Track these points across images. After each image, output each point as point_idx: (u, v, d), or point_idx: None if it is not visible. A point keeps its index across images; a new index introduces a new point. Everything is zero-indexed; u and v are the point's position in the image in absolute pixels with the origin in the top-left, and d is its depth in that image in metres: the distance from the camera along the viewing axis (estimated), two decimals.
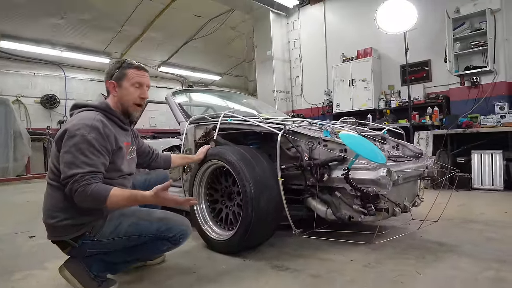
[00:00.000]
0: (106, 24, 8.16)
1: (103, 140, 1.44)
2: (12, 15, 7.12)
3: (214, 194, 2.31)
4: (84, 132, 1.40)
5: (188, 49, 10.01)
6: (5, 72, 8.22)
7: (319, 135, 2.10)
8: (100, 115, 1.53)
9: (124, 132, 1.65)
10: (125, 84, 1.62)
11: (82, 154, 1.37)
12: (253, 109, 3.56)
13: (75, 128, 1.41)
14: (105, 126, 1.49)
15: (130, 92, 1.63)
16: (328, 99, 7.44)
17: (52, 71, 8.88)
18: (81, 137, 1.39)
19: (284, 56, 8.20)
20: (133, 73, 1.63)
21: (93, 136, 1.41)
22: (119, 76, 1.62)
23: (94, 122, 1.45)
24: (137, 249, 1.59)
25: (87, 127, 1.42)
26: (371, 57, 6.40)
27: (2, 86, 8.17)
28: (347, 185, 1.90)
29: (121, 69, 1.62)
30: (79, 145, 1.38)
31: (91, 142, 1.40)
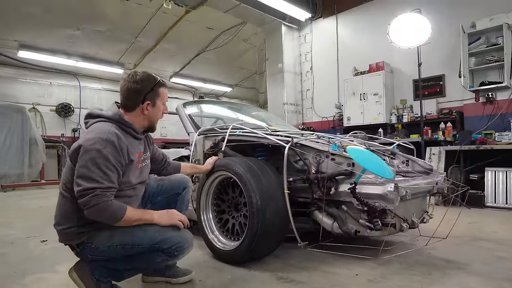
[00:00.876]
0: (121, 36, 8.41)
1: (118, 154, 1.48)
2: (29, 26, 7.42)
3: (221, 204, 2.36)
4: (99, 146, 1.44)
5: (200, 61, 10.22)
6: (22, 81, 8.54)
7: (327, 149, 2.14)
8: (114, 126, 1.57)
9: (137, 142, 1.68)
10: (158, 104, 1.69)
11: (99, 169, 1.42)
12: (263, 122, 3.62)
13: (90, 142, 1.45)
14: (119, 139, 1.52)
15: (159, 110, 1.71)
16: (339, 112, 7.45)
17: (67, 80, 9.17)
18: (97, 152, 1.43)
19: (295, 69, 8.29)
20: (165, 92, 1.73)
21: (109, 150, 1.46)
22: (154, 96, 1.66)
23: (109, 135, 1.49)
24: (135, 259, 1.60)
25: (103, 141, 1.46)
26: (383, 71, 6.42)
27: (19, 94, 8.48)
28: (354, 199, 1.93)
29: (155, 87, 1.66)
30: (95, 160, 1.42)
31: (107, 157, 1.44)
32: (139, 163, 1.67)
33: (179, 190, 1.92)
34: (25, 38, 7.75)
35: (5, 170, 6.53)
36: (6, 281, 1.91)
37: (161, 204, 1.87)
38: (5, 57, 7.95)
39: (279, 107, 8.04)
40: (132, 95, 1.64)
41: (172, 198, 1.90)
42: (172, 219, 1.60)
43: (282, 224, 2.04)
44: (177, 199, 1.91)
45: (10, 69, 8.34)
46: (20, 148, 6.85)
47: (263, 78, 8.81)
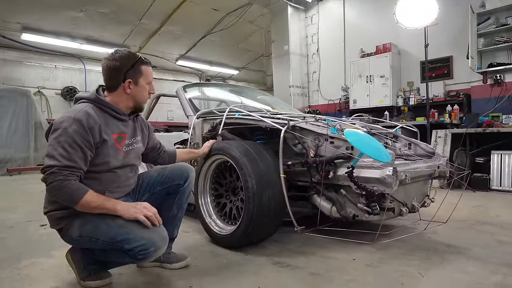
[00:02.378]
0: (125, 17, 8.29)
1: (85, 133, 1.41)
2: (32, 8, 7.32)
3: (219, 188, 2.33)
4: (66, 124, 1.40)
5: (206, 43, 10.07)
6: (27, 64, 8.53)
7: (326, 132, 2.08)
8: (90, 106, 1.51)
9: (119, 122, 1.60)
10: (142, 82, 1.61)
11: (61, 147, 1.37)
12: (267, 105, 3.55)
13: (59, 121, 1.42)
14: (89, 117, 1.44)
15: (144, 89, 1.63)
16: (345, 95, 7.32)
17: (72, 63, 9.14)
18: (62, 130, 1.39)
19: (301, 51, 8.12)
20: (149, 71, 1.64)
21: (74, 128, 1.40)
22: (135, 74, 1.59)
23: (78, 114, 1.43)
24: (108, 254, 1.50)
25: (70, 119, 1.41)
26: (390, 52, 6.25)
27: (25, 77, 8.48)
28: (352, 183, 1.89)
29: (136, 65, 1.59)
30: (59, 138, 1.38)
31: (71, 134, 1.38)
32: (121, 145, 1.58)
33: (180, 181, 1.76)
34: (28, 20, 7.68)
35: (10, 154, 6.57)
36: (1, 265, 1.92)
37: (160, 194, 1.76)
38: (9, 40, 7.90)
39: (285, 90, 7.93)
40: (112, 73, 1.58)
41: (172, 189, 1.76)
42: (138, 213, 1.42)
43: (279, 208, 2.01)
44: (178, 190, 1.76)
45: (14, 52, 8.32)
46: (26, 132, 6.89)
47: (270, 61, 8.66)
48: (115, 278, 1.70)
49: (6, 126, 6.65)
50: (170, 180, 1.77)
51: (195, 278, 1.69)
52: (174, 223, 1.81)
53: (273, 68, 8.24)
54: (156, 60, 10.41)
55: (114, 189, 1.58)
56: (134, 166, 1.72)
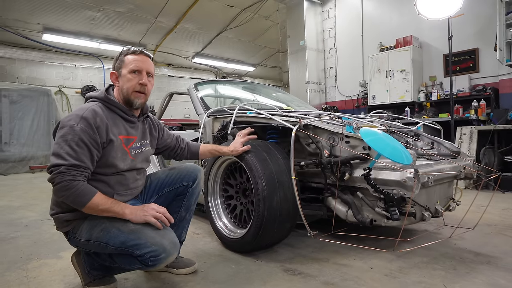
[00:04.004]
0: (141, 16, 8.31)
1: (92, 131, 1.36)
2: (52, 8, 7.43)
3: (229, 189, 2.24)
4: (73, 122, 1.35)
5: (222, 40, 9.99)
6: (48, 64, 8.68)
7: (342, 131, 1.95)
8: (98, 105, 1.47)
9: (127, 124, 1.56)
10: (124, 72, 1.54)
11: (68, 146, 1.32)
12: (282, 102, 3.44)
13: (67, 119, 1.38)
14: (96, 116, 1.40)
15: (128, 79, 1.53)
16: (364, 90, 7.11)
17: (91, 62, 9.25)
18: (69, 128, 1.34)
19: (318, 46, 7.93)
20: (131, 59, 1.54)
21: (81, 126, 1.35)
22: (119, 65, 1.55)
23: (85, 112, 1.39)
24: (116, 259, 1.43)
25: (77, 117, 1.37)
26: (411, 46, 5.98)
27: (46, 77, 8.64)
28: (369, 186, 1.75)
29: (120, 57, 1.55)
30: (66, 136, 1.33)
31: (78, 132, 1.34)
32: (128, 148, 1.53)
33: (188, 182, 1.70)
34: (48, 21, 7.80)
35: (33, 151, 6.74)
36: (11, 266, 1.90)
37: (168, 196, 1.71)
38: (31, 41, 8.07)
39: (301, 86, 7.77)
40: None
41: (180, 190, 1.71)
42: (147, 216, 1.38)
43: (291, 211, 1.90)
44: (186, 192, 1.71)
45: (36, 53, 8.48)
46: (47, 130, 7.03)
47: (286, 57, 8.51)
48: (121, 283, 1.64)
49: (29, 125, 6.81)
50: (178, 181, 1.71)
51: (202, 285, 1.60)
52: (182, 225, 1.75)
53: (289, 64, 8.08)
54: (172, 58, 10.44)
55: (122, 191, 1.52)
56: (142, 169, 1.67)
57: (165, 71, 10.75)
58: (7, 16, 7.36)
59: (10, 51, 8.11)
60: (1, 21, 7.42)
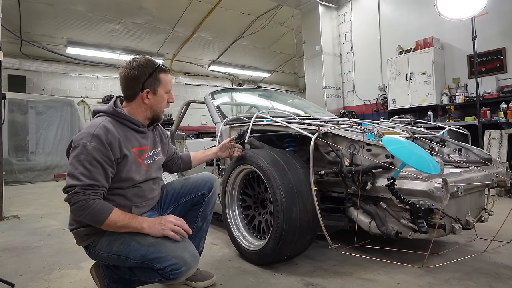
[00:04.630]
0: (159, 27, 8.45)
1: (104, 149, 1.34)
2: (76, 23, 7.69)
3: (247, 200, 2.18)
4: (85, 141, 1.33)
5: (237, 47, 10.03)
6: (72, 75, 8.96)
7: (362, 138, 1.86)
8: (108, 120, 1.44)
9: (139, 135, 1.52)
10: (161, 92, 1.52)
11: (82, 166, 1.30)
12: (298, 109, 3.37)
13: (78, 138, 1.36)
14: (108, 132, 1.38)
15: (163, 99, 1.54)
16: (383, 94, 6.93)
17: (112, 73, 9.45)
18: (82, 148, 1.32)
19: (334, 51, 7.81)
20: (168, 79, 1.54)
21: (93, 145, 1.33)
22: (154, 83, 1.50)
23: (97, 129, 1.36)
24: (136, 272, 1.42)
25: (89, 136, 1.34)
26: (432, 47, 5.79)
27: (70, 88, 8.91)
28: (393, 196, 1.65)
29: (155, 73, 1.49)
30: (79, 156, 1.31)
31: (90, 151, 1.32)
32: (142, 159, 1.50)
33: (204, 191, 1.69)
34: (72, 35, 8.06)
35: (57, 160, 6.90)
36: (34, 277, 1.91)
37: (184, 206, 1.69)
38: (56, 54, 8.34)
39: (318, 91, 7.67)
40: (130, 82, 1.48)
41: (196, 200, 1.69)
42: (165, 229, 1.36)
43: (311, 223, 1.82)
44: (202, 201, 1.69)
45: (61, 65, 8.75)
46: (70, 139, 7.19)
47: (302, 62, 8.44)
48: None
49: (53, 134, 7.01)
50: (194, 191, 1.69)
51: None
52: (199, 235, 1.71)
53: (305, 69, 8.00)
54: (189, 66, 10.55)
55: (140, 203, 1.50)
56: (157, 179, 1.64)
57: (182, 79, 10.88)
58: (34, 32, 7.66)
59: (36, 65, 8.43)
60: (29, 37, 7.71)
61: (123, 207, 1.40)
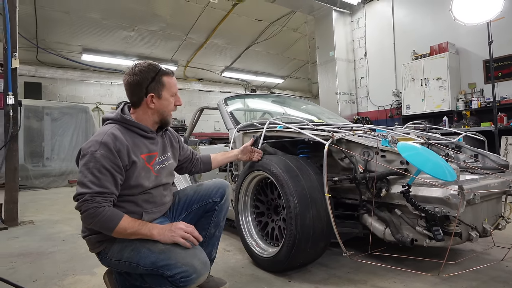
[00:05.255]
0: (173, 34, 8.61)
1: (113, 156, 1.36)
2: (91, 30, 7.91)
3: (260, 206, 2.20)
4: (93, 149, 1.35)
5: (251, 54, 10.12)
6: (87, 82, 9.18)
7: (376, 144, 1.86)
8: (116, 127, 1.46)
9: (147, 141, 1.54)
10: (166, 95, 1.53)
11: (91, 173, 1.33)
12: (312, 115, 3.39)
13: (87, 146, 1.38)
14: (116, 139, 1.39)
15: (170, 102, 1.55)
16: (397, 100, 6.89)
17: None
18: (90, 156, 1.34)
19: (348, 56, 7.81)
20: (172, 82, 1.56)
21: (102, 153, 1.35)
22: (157, 87, 1.52)
23: (105, 137, 1.38)
24: (147, 279, 1.43)
25: (97, 143, 1.36)
26: (446, 52, 5.74)
27: (85, 95, 9.14)
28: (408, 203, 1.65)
29: (157, 77, 1.52)
30: (88, 164, 1.34)
31: (99, 159, 1.34)
32: (151, 164, 1.52)
33: (216, 198, 1.70)
34: (87, 42, 8.28)
35: (71, 166, 7.03)
36: (48, 282, 1.95)
37: (197, 213, 1.70)
38: (72, 61, 8.58)
39: (331, 97, 7.67)
40: (133, 89, 1.50)
41: (209, 207, 1.69)
42: (175, 236, 1.36)
43: (325, 230, 1.83)
44: (215, 208, 1.70)
45: (76, 72, 8.99)
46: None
47: (316, 68, 8.46)
48: None
49: (68, 140, 7.17)
50: (206, 198, 1.70)
51: None
52: (212, 242, 1.73)
53: (319, 75, 8.01)
54: (202, 72, 10.69)
55: (151, 209, 1.52)
56: (168, 184, 1.66)
57: (196, 85, 11.02)
58: (51, 39, 7.90)
59: (52, 72, 8.67)
60: (46, 44, 7.95)
61: (133, 213, 1.42)
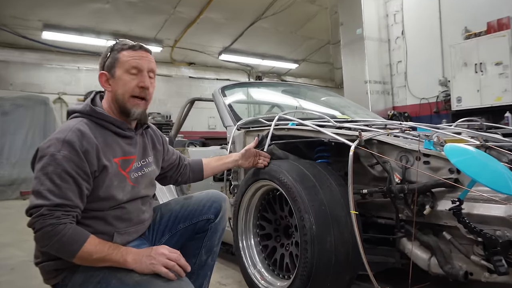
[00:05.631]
0: (157, 6, 8.71)
1: (78, 159, 1.34)
2: (54, 3, 7.99)
3: (266, 226, 2.20)
4: (54, 149, 1.32)
5: (256, 32, 10.19)
6: (47, 67, 9.28)
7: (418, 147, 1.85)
8: (84, 121, 1.45)
9: (123, 141, 1.53)
10: (118, 72, 1.50)
11: (49, 180, 1.30)
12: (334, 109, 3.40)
13: (46, 145, 1.36)
14: (83, 137, 1.37)
15: (125, 82, 1.50)
16: (445, 91, 6.98)
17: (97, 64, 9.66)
18: (50, 157, 1.32)
19: (380, 35, 7.89)
20: (128, 55, 1.51)
21: (65, 154, 1.32)
22: (111, 63, 1.51)
23: (69, 134, 1.35)
24: None
25: (59, 142, 1.34)
26: (508, 30, 5.81)
27: (45, 82, 9.23)
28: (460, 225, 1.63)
29: (113, 53, 1.51)
30: (46, 168, 1.31)
31: (60, 162, 1.31)
32: (127, 171, 1.51)
33: (209, 215, 1.70)
34: (49, 16, 8.39)
35: (25, 173, 6.92)
36: None
37: (184, 234, 1.70)
38: (29, 40, 8.68)
39: (359, 87, 7.76)
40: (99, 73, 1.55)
41: (200, 226, 1.70)
42: (155, 264, 1.34)
43: (350, 257, 1.82)
44: (208, 228, 1.69)
45: (34, 54, 9.11)
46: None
47: (339, 49, 8.50)
48: None
49: (21, 140, 7.13)
50: (196, 215, 1.70)
51: None
52: (203, 273, 1.73)
53: (343, 59, 8.10)
54: (194, 55, 10.77)
55: (125, 229, 1.51)
56: (147, 197, 1.66)
57: (186, 71, 11.11)
58: (4, 13, 7.98)
59: (4, 53, 8.78)
60: None
61: (102, 234, 1.40)
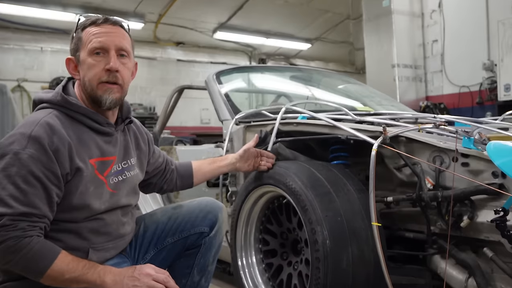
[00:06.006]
0: None
1: (46, 158, 1.35)
2: None
3: (271, 241, 2.25)
4: (17, 147, 1.33)
5: (258, 4, 10.20)
6: (4, 47, 9.32)
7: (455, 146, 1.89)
8: (54, 113, 1.45)
9: (101, 138, 1.55)
10: (83, 55, 1.52)
11: (11, 184, 1.31)
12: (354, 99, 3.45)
13: (8, 141, 1.36)
14: (54, 133, 1.38)
15: (90, 65, 1.51)
16: (490, 77, 6.97)
17: (64, 44, 9.72)
18: (12, 157, 1.33)
19: (412, 8, 7.89)
20: (90, 33, 1.52)
21: (31, 152, 1.33)
22: (76, 45, 1.55)
23: (36, 128, 1.36)
24: None
25: (24, 138, 1.34)
26: None
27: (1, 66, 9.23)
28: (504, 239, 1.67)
29: (77, 32, 1.55)
30: (9, 169, 1.32)
31: (26, 162, 1.32)
32: (105, 175, 1.53)
33: (202, 227, 1.75)
34: None
35: None
36: None
37: (172, 250, 1.74)
38: None
39: (385, 72, 7.77)
40: None
41: (192, 241, 1.74)
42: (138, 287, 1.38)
43: (371, 278, 1.87)
44: (201, 243, 1.75)
45: None
46: None
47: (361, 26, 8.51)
48: None
49: None
50: (187, 227, 1.75)
51: None
52: None
53: (365, 37, 8.13)
54: (183, 32, 10.79)
55: (102, 244, 1.54)
56: (129, 207, 1.69)
57: (173, 53, 11.14)
58: None
59: None
60: None
61: (75, 250, 1.42)
